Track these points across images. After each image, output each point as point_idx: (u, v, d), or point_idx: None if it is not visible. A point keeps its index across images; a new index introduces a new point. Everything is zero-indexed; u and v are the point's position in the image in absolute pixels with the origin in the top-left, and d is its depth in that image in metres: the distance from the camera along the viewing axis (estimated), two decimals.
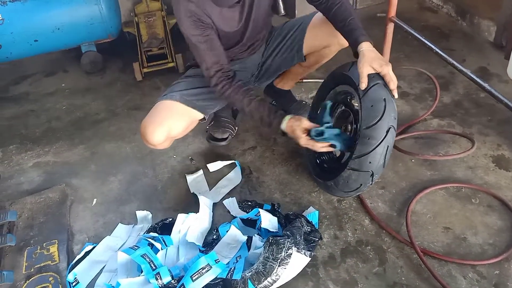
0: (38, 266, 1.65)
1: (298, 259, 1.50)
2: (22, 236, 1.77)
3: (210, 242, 1.66)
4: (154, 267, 1.53)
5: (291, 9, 2.87)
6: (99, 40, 2.83)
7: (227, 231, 1.64)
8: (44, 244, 1.72)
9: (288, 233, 1.53)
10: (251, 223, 1.72)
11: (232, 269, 1.48)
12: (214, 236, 1.67)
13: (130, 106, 2.55)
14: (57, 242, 1.73)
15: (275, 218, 1.67)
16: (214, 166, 2.04)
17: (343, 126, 1.75)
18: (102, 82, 2.83)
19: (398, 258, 1.57)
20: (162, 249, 1.64)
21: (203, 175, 2.00)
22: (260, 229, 1.66)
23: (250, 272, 1.45)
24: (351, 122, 1.72)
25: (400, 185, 1.85)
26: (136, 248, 1.58)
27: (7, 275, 1.55)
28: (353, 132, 1.71)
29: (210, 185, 1.96)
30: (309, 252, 1.52)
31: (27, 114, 2.60)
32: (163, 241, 1.65)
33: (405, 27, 2.09)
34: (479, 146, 1.96)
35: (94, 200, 1.96)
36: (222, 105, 1.93)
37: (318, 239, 1.59)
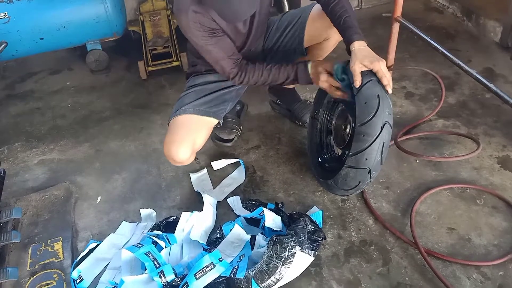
0: (43, 263, 1.65)
1: (302, 259, 1.50)
2: (26, 233, 1.78)
3: (213, 240, 1.67)
4: (158, 265, 1.53)
5: (296, 7, 2.86)
6: (105, 38, 2.85)
7: (231, 230, 1.64)
8: (48, 241, 1.73)
9: (292, 232, 1.53)
10: (255, 222, 1.72)
11: (235, 267, 1.48)
12: (218, 234, 1.67)
13: (135, 105, 2.56)
14: (61, 239, 1.74)
15: (279, 217, 1.67)
16: (218, 164, 2.04)
17: (343, 125, 1.77)
18: (107, 80, 2.84)
19: (402, 259, 1.57)
20: (166, 247, 1.65)
21: (207, 174, 2.01)
22: (263, 228, 1.67)
23: (253, 271, 1.45)
24: (350, 122, 1.73)
25: (404, 185, 1.84)
26: (140, 246, 1.59)
27: (12, 272, 1.56)
28: (352, 130, 1.71)
29: (214, 183, 1.96)
30: (312, 251, 1.52)
31: (33, 112, 2.61)
32: (167, 239, 1.66)
33: (410, 27, 2.07)
34: (484, 147, 1.95)
35: (99, 197, 1.96)
36: (232, 105, 1.94)
37: (322, 239, 1.59)
